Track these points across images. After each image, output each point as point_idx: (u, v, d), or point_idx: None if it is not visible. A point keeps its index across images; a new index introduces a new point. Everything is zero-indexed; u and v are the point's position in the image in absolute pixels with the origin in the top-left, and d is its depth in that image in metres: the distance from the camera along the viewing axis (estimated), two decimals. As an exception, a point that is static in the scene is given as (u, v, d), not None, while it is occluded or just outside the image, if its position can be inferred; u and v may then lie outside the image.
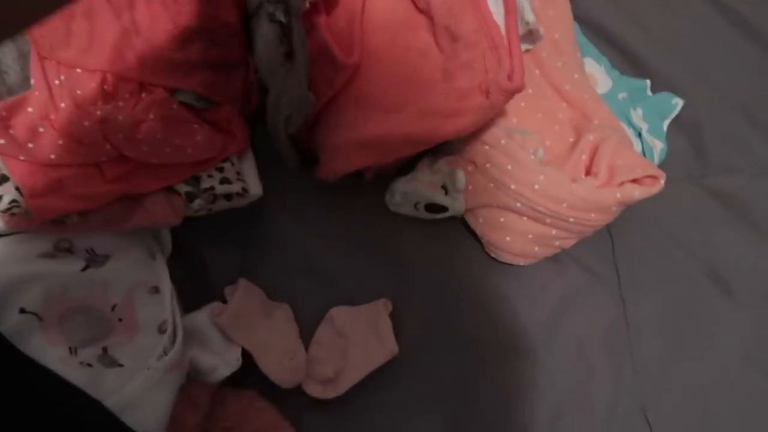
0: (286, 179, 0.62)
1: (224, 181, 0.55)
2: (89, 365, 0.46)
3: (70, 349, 0.46)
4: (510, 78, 0.46)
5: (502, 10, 0.49)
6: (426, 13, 0.52)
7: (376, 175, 0.60)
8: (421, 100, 0.50)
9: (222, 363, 0.51)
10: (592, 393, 0.58)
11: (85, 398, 0.43)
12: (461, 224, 0.63)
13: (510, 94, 0.47)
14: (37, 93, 0.48)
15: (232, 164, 0.56)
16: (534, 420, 0.57)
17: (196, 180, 0.54)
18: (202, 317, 0.53)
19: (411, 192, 0.58)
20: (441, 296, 0.61)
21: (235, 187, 0.55)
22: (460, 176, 0.57)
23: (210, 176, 0.55)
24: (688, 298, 0.63)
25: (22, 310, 0.45)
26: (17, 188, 0.46)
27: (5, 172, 0.46)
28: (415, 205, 0.59)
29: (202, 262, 0.59)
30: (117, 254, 0.51)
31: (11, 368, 0.42)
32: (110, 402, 0.43)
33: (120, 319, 0.49)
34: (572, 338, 0.60)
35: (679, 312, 0.63)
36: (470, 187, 0.58)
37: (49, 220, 0.47)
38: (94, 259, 0.50)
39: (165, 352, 0.48)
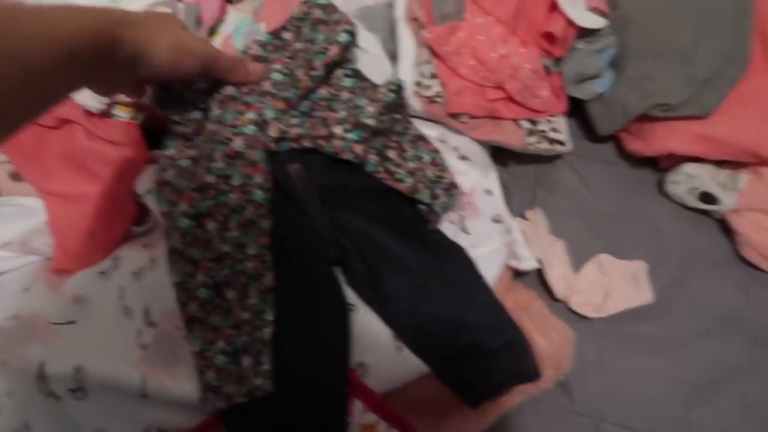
0: (575, 142, 0.76)
1: (553, 130, 0.71)
2: (453, 223, 0.62)
3: (443, 208, 0.62)
4: None
5: None
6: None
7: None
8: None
9: (528, 259, 0.66)
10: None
11: (452, 242, 0.60)
12: (714, 221, 0.75)
13: None
14: (467, 25, 0.66)
15: (558, 120, 0.72)
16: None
17: (534, 123, 0.70)
18: (514, 222, 0.69)
19: (696, 176, 0.70)
20: (688, 273, 0.73)
21: (560, 137, 0.71)
22: (743, 179, 0.69)
23: (544, 123, 0.71)
24: None
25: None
26: (442, 85, 0.63)
27: (436, 72, 0.64)
28: (691, 190, 0.72)
29: (507, 187, 0.75)
30: (473, 157, 0.67)
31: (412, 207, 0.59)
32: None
33: (468, 203, 0.65)
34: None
35: None
36: (747, 191, 0.70)
37: (451, 113, 0.64)
38: (461, 154, 0.66)
39: (500, 235, 0.63)
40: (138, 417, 0.51)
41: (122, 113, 0.58)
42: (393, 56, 0.65)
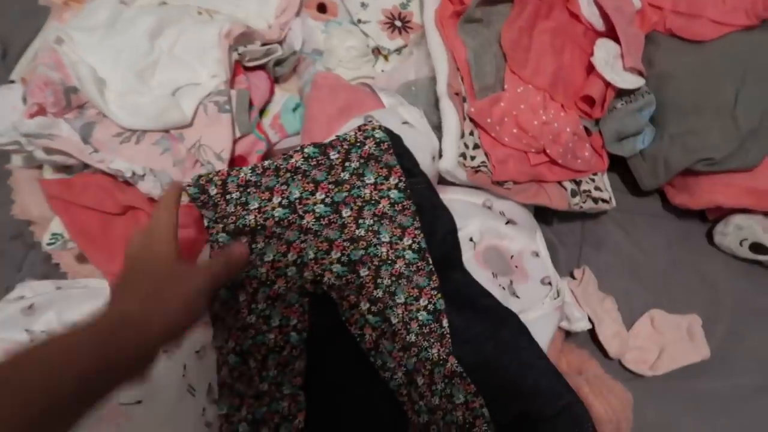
0: (619, 198, 0.76)
1: (597, 188, 0.71)
2: (503, 288, 0.63)
3: (492, 273, 0.63)
4: None
5: None
6: None
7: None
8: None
9: (580, 320, 0.66)
10: None
11: (504, 307, 0.60)
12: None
13: None
14: (507, 95, 0.67)
15: (600, 178, 0.73)
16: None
17: (577, 183, 0.71)
18: (563, 283, 0.69)
19: (746, 227, 0.70)
20: (745, 326, 0.71)
21: (604, 195, 0.71)
22: (795, 229, 0.68)
23: (587, 182, 0.71)
24: None
25: (470, 239, 0.63)
26: (486, 155, 0.65)
27: (479, 142, 0.66)
28: (741, 242, 0.71)
29: (553, 245, 0.75)
30: (519, 220, 0.68)
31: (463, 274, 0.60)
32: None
33: (516, 266, 0.66)
34: None
35: None
36: (800, 241, 0.69)
37: (499, 181, 0.65)
38: (507, 219, 0.67)
39: (553, 298, 0.64)
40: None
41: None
42: (436, 127, 0.67)
